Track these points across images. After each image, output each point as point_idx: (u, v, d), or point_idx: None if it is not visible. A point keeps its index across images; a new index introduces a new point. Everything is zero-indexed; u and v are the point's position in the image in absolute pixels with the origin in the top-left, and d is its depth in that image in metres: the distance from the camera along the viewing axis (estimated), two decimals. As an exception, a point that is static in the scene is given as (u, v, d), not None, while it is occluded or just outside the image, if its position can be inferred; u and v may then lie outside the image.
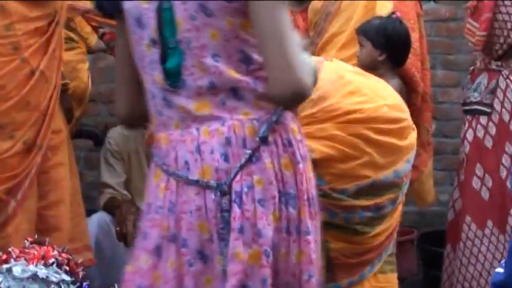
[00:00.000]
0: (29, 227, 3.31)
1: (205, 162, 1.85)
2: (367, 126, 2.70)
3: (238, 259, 1.81)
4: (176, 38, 1.90)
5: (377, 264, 2.85)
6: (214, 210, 1.83)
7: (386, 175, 2.73)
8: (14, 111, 3.29)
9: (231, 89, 1.88)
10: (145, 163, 4.20)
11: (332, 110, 2.71)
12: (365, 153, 2.69)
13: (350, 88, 2.75)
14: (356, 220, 2.74)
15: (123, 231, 3.89)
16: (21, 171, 3.31)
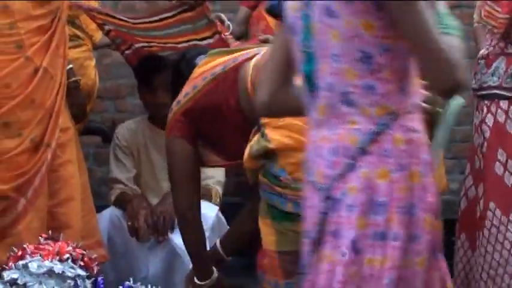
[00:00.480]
0: (41, 225, 3.33)
1: (319, 166, 1.95)
2: None
3: (326, 260, 1.90)
4: (311, 42, 1.95)
5: None
6: (319, 211, 1.93)
7: None
8: (19, 109, 3.32)
9: (345, 93, 1.92)
10: (154, 158, 4.22)
11: None
12: None
13: None
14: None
15: (134, 225, 3.89)
16: (30, 169, 3.34)
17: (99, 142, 5.05)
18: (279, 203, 2.72)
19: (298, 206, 2.62)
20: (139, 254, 3.98)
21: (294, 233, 2.68)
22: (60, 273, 2.71)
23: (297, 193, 2.63)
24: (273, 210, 2.76)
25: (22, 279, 2.68)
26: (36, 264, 2.71)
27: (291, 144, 2.65)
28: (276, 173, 2.70)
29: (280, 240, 2.76)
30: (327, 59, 1.93)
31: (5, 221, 3.29)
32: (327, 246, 1.91)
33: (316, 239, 1.95)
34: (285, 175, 2.68)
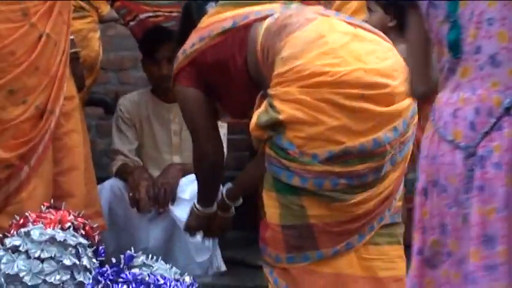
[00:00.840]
0: (45, 192, 3.35)
1: (457, 126, 1.96)
2: (334, 90, 2.63)
3: (478, 213, 1.92)
4: (459, 11, 1.98)
5: (368, 234, 2.75)
6: (461, 167, 1.95)
7: (364, 143, 2.64)
8: (24, 76, 3.32)
9: (492, 56, 1.95)
10: (156, 130, 4.24)
11: (300, 70, 2.65)
12: (333, 118, 2.63)
13: (324, 49, 2.68)
14: (328, 187, 2.67)
15: (136, 197, 3.92)
16: (34, 136, 3.35)
17: (101, 114, 5.07)
18: (285, 177, 2.69)
19: (305, 180, 2.66)
20: (140, 225, 4.00)
21: (299, 207, 2.70)
22: (62, 241, 2.71)
23: (304, 167, 2.65)
24: (278, 183, 2.74)
25: (24, 246, 2.69)
26: (38, 232, 2.73)
27: (302, 117, 2.62)
28: (283, 146, 2.67)
29: (284, 214, 2.74)
30: (480, 24, 1.95)
31: (9, 188, 3.30)
32: (475, 201, 1.93)
33: (460, 197, 1.96)
34: (293, 148, 2.65)
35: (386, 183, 2.75)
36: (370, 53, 2.72)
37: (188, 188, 3.94)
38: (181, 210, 3.86)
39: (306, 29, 2.72)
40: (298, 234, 2.72)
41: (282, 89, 2.66)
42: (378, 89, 2.66)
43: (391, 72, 2.70)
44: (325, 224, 2.71)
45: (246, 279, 3.69)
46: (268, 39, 2.78)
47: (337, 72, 2.62)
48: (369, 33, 2.84)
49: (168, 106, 4.24)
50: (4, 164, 3.30)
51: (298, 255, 2.74)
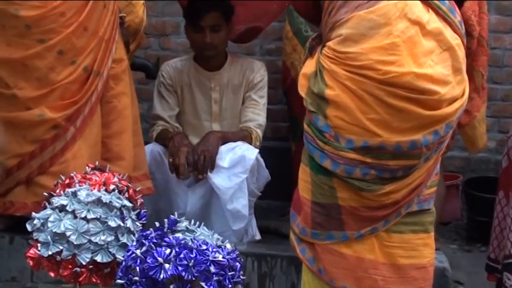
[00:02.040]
0: (90, 153, 3.40)
1: None
2: (380, 86, 2.59)
3: None
4: None
5: (392, 220, 2.76)
6: None
7: (400, 143, 2.61)
8: (74, 37, 3.36)
9: None
10: (197, 97, 4.28)
11: (353, 58, 2.62)
12: (373, 111, 2.61)
13: (386, 42, 2.60)
14: (358, 175, 2.67)
15: (175, 162, 3.94)
16: (81, 97, 3.40)
17: (141, 78, 5.10)
18: (318, 157, 2.72)
19: (336, 164, 2.68)
20: (179, 191, 4.05)
21: (329, 188, 2.73)
22: (107, 202, 2.75)
23: (337, 152, 2.67)
24: (312, 161, 2.77)
25: (71, 206, 2.71)
26: (85, 193, 2.75)
27: (345, 99, 2.62)
28: (320, 128, 2.69)
29: (315, 191, 2.77)
30: None
31: (55, 149, 3.36)
32: None
33: None
34: (329, 131, 2.66)
35: (417, 173, 2.73)
36: (428, 53, 2.63)
37: (227, 155, 3.97)
38: (220, 178, 3.93)
39: (374, 10, 2.63)
40: (325, 212, 2.76)
41: (332, 66, 2.66)
42: (426, 95, 2.60)
43: (443, 77, 2.64)
44: (352, 208, 2.73)
45: (279, 249, 3.72)
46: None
47: (388, 71, 2.58)
48: (439, 18, 2.70)
49: (209, 74, 4.27)
50: (51, 124, 3.36)
51: (323, 233, 2.78)
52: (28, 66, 3.34)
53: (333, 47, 2.68)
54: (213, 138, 4.02)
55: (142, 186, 3.47)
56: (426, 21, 2.66)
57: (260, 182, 4.10)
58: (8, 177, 3.42)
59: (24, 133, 3.39)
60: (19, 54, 3.33)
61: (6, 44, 3.35)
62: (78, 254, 2.68)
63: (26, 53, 3.33)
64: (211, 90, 4.28)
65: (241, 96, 4.29)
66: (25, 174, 3.39)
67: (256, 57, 5.28)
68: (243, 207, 3.93)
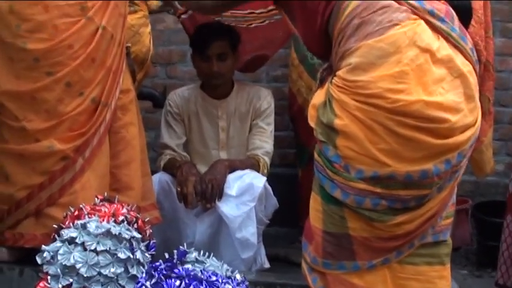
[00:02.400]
0: (98, 184, 3.39)
1: None
2: (389, 116, 2.57)
3: None
4: None
5: (405, 251, 2.74)
6: None
7: (411, 173, 2.59)
8: (81, 69, 3.36)
9: None
10: (205, 126, 4.28)
11: (362, 87, 2.61)
12: (383, 141, 2.60)
13: (395, 70, 2.59)
14: (368, 205, 2.65)
15: (183, 192, 3.94)
16: (89, 128, 3.39)
17: (148, 107, 5.10)
18: (329, 187, 2.71)
19: (346, 195, 2.67)
20: (187, 220, 4.04)
21: (340, 218, 2.72)
22: (117, 234, 2.77)
23: (347, 182, 2.66)
24: (322, 191, 2.76)
25: (80, 238, 2.73)
26: (95, 225, 2.77)
27: (354, 130, 2.62)
28: (330, 158, 2.68)
29: (326, 221, 2.76)
30: None
31: (63, 180, 3.36)
32: None
33: None
34: (339, 161, 2.66)
35: (431, 204, 2.70)
36: (438, 81, 2.62)
37: (235, 184, 3.96)
38: (228, 207, 3.93)
39: (383, 38, 2.63)
40: (337, 242, 2.75)
41: (341, 96, 2.66)
42: (436, 123, 2.59)
43: (454, 105, 2.62)
44: (364, 238, 2.72)
45: (289, 277, 3.71)
46: (348, 28, 2.72)
47: (397, 100, 2.57)
48: (449, 45, 2.69)
49: (216, 102, 4.28)
50: (60, 155, 3.35)
51: (334, 263, 2.77)
52: (37, 98, 3.35)
53: (342, 76, 2.67)
54: (220, 167, 4.01)
55: (150, 216, 3.47)
56: (436, 48, 2.65)
57: (268, 209, 4.10)
58: (18, 209, 3.42)
59: (33, 165, 3.38)
60: (28, 87, 3.34)
61: (15, 76, 3.36)
62: (88, 286, 2.70)
63: (34, 86, 3.33)
64: (219, 118, 4.28)
65: (249, 123, 4.30)
66: (34, 206, 3.38)
67: (263, 84, 5.28)
68: (252, 236, 3.93)
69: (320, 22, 2.83)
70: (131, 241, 2.81)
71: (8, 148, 3.43)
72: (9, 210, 3.44)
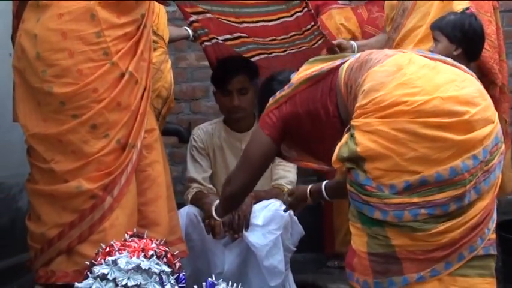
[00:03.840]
0: (127, 221, 3.37)
1: None
2: (413, 119, 2.60)
3: None
4: None
5: (455, 263, 2.69)
6: None
7: (440, 172, 2.59)
8: (106, 111, 3.35)
9: None
10: (229, 159, 4.28)
11: (379, 101, 2.66)
12: (411, 149, 2.60)
13: (403, 80, 2.67)
14: (408, 218, 2.63)
15: (211, 223, 3.94)
16: (116, 168, 3.37)
17: (174, 142, 5.12)
18: (367, 211, 2.70)
19: (385, 213, 2.66)
20: (216, 250, 4.02)
21: (384, 237, 2.70)
22: (146, 269, 2.72)
23: (382, 201, 2.66)
24: (362, 216, 2.74)
25: (112, 274, 2.70)
26: (125, 261, 2.73)
27: (377, 150, 2.63)
28: (361, 182, 2.68)
29: (371, 243, 2.73)
30: None
31: (93, 218, 3.34)
32: None
33: None
34: (370, 183, 2.66)
35: (472, 211, 2.67)
36: (449, 82, 2.68)
37: (261, 213, 3.97)
38: (255, 236, 3.92)
39: (385, 64, 2.76)
40: (384, 261, 2.72)
41: (363, 120, 2.68)
42: (456, 117, 2.61)
43: (470, 99, 2.66)
44: (409, 252, 2.69)
45: (317, 303, 3.70)
46: (350, 76, 2.84)
47: (415, 101, 2.61)
48: (449, 66, 2.81)
49: (239, 135, 4.28)
50: (88, 194, 3.34)
51: (384, 281, 2.73)
52: (63, 140, 3.34)
53: (358, 104, 2.72)
54: (246, 198, 3.98)
55: (177, 250, 3.39)
56: (434, 66, 2.77)
57: (294, 237, 4.08)
58: (50, 248, 3.40)
59: (63, 204, 3.37)
60: (54, 130, 3.34)
61: (43, 120, 3.36)
62: (121, 321, 2.66)
63: (60, 128, 3.33)
64: (242, 150, 4.25)
65: (271, 154, 4.27)
66: (65, 244, 3.37)
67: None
68: (279, 263, 3.91)
69: (332, 110, 2.94)
70: (161, 275, 2.77)
71: (38, 189, 3.43)
72: (42, 249, 3.42)
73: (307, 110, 2.99)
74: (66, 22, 3.31)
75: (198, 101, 5.57)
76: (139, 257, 2.80)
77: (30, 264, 3.52)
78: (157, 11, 4.39)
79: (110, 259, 2.77)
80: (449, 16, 3.61)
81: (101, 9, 3.34)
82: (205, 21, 4.03)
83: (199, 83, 5.49)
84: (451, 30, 3.52)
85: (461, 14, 3.61)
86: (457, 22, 3.54)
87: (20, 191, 4.29)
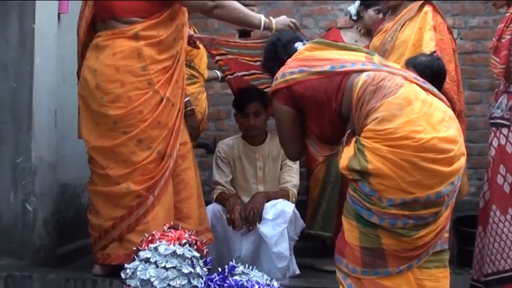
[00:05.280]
0: (165, 216, 3.32)
1: None
2: (415, 154, 2.58)
3: None
4: None
5: (423, 259, 2.71)
6: None
7: (429, 195, 2.59)
8: (149, 129, 3.32)
9: None
10: (246, 166, 4.21)
11: (392, 132, 2.61)
12: (411, 176, 2.58)
13: (411, 117, 2.63)
14: (400, 225, 2.63)
15: (231, 217, 3.89)
16: (157, 173, 3.33)
17: (203, 153, 5.08)
18: (366, 215, 2.66)
19: (382, 220, 2.63)
20: (235, 239, 3.96)
21: (375, 236, 2.67)
22: (181, 254, 2.73)
23: (382, 210, 2.62)
24: (359, 218, 2.69)
25: (153, 258, 2.72)
26: (164, 247, 2.74)
27: (386, 171, 2.59)
28: (367, 193, 2.64)
29: (363, 239, 2.69)
30: None
31: (139, 213, 3.29)
32: None
33: None
34: (374, 194, 2.62)
35: (440, 220, 2.69)
36: (440, 121, 2.66)
37: (271, 210, 3.90)
38: (266, 228, 3.86)
39: (398, 96, 2.68)
40: (372, 254, 2.68)
41: (374, 144, 2.62)
42: (445, 154, 2.61)
43: (454, 137, 2.65)
44: (394, 250, 2.67)
45: (315, 282, 3.64)
46: (365, 94, 2.72)
47: (420, 138, 2.59)
48: (436, 99, 2.77)
49: (254, 148, 4.22)
50: (135, 194, 3.30)
51: (371, 271, 2.69)
52: (116, 152, 3.31)
53: (371, 128, 2.65)
54: (259, 198, 3.96)
55: (205, 237, 3.45)
56: (430, 100, 2.73)
57: (297, 229, 4.02)
58: (106, 236, 3.37)
59: (116, 202, 3.34)
60: (109, 144, 3.31)
61: (100, 136, 3.33)
62: (160, 295, 2.63)
63: (114, 142, 3.30)
64: (256, 160, 4.21)
65: (279, 163, 4.21)
66: (118, 233, 3.33)
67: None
68: (285, 250, 3.86)
69: (335, 107, 2.82)
70: (192, 259, 2.78)
71: (97, 189, 3.40)
72: (100, 237, 3.39)
73: (314, 96, 2.84)
74: (119, 59, 3.28)
75: (222, 121, 5.52)
76: (175, 245, 2.79)
77: (90, 248, 3.49)
78: (201, 54, 4.38)
79: (152, 246, 2.79)
80: (421, 57, 3.54)
81: (146, 48, 3.30)
82: (227, 60, 3.99)
83: (223, 107, 5.43)
84: (423, 68, 3.44)
85: (431, 57, 3.55)
86: (428, 63, 3.48)
87: (83, 190, 4.25)
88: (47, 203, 3.79)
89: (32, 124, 3.63)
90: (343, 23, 5.41)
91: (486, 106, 5.24)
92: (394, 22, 3.87)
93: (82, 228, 3.73)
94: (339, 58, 2.88)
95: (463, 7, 5.43)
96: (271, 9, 5.44)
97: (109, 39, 3.31)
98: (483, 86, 5.39)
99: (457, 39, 5.17)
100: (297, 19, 4.45)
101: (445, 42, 3.79)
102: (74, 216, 4.33)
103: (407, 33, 3.78)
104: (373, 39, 4.04)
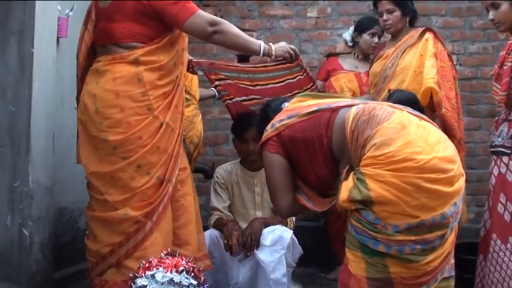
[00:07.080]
0: (163, 241, 3.30)
1: None
2: (417, 175, 2.56)
3: None
4: None
5: (432, 285, 2.69)
6: None
7: (434, 217, 2.57)
8: (148, 154, 3.30)
9: None
10: (244, 192, 4.20)
11: (392, 156, 2.60)
12: (415, 199, 2.56)
13: (409, 139, 2.63)
14: (408, 251, 2.60)
15: (229, 243, 3.88)
16: (156, 199, 3.32)
17: (201, 178, 5.07)
18: (372, 244, 2.63)
19: (389, 247, 2.60)
20: (232, 265, 3.95)
21: (383, 266, 2.64)
22: (178, 282, 2.71)
23: (388, 237, 2.60)
24: (364, 248, 2.66)
25: (150, 286, 2.69)
26: (161, 275, 2.72)
27: (389, 197, 2.57)
28: (371, 221, 2.61)
29: (370, 269, 2.66)
30: None
31: (137, 239, 3.27)
32: None
33: None
34: (379, 222, 2.60)
35: (447, 245, 2.67)
36: (437, 142, 2.67)
37: (269, 236, 3.89)
38: (264, 254, 3.85)
39: (392, 121, 2.69)
40: (380, 284, 2.65)
41: (375, 170, 2.60)
42: (446, 173, 2.60)
43: (452, 157, 2.65)
44: (402, 278, 2.64)
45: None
46: (358, 125, 2.73)
47: (421, 159, 2.58)
48: (428, 123, 2.79)
49: (252, 174, 4.22)
50: (133, 220, 3.28)
51: None
52: (115, 177, 3.29)
53: (371, 155, 2.64)
54: (257, 224, 3.95)
55: (203, 264, 3.43)
56: (424, 124, 2.74)
57: (295, 255, 4.01)
58: (103, 261, 3.34)
59: (114, 227, 3.31)
60: (108, 169, 3.29)
61: (99, 161, 3.32)
62: (158, 323, 2.60)
63: (113, 168, 3.28)
64: (254, 185, 4.21)
65: (277, 189, 4.20)
66: (115, 259, 3.30)
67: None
68: (283, 276, 3.83)
69: (326, 142, 2.83)
70: (189, 287, 2.74)
71: (95, 215, 3.37)
72: (97, 262, 3.36)
73: (304, 136, 2.88)
74: (119, 84, 3.28)
75: (220, 146, 5.54)
76: (172, 272, 2.77)
77: (87, 274, 3.46)
78: (190, 76, 4.36)
79: (149, 273, 2.76)
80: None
81: (146, 73, 3.30)
82: (226, 85, 4.00)
83: (222, 132, 5.46)
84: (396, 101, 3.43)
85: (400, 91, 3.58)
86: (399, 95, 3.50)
87: (80, 214, 4.25)
88: (44, 227, 3.77)
89: (30, 148, 3.62)
90: (342, 49, 5.46)
91: (485, 132, 5.27)
92: (395, 48, 3.90)
93: (79, 253, 3.72)
94: (324, 101, 2.95)
95: (463, 33, 5.48)
96: (270, 35, 5.49)
97: (109, 64, 3.32)
98: (482, 112, 5.41)
99: (457, 65, 5.21)
100: (295, 44, 4.51)
101: (446, 70, 3.82)
102: (71, 240, 4.31)
103: (408, 60, 3.81)
104: (373, 65, 4.07)
